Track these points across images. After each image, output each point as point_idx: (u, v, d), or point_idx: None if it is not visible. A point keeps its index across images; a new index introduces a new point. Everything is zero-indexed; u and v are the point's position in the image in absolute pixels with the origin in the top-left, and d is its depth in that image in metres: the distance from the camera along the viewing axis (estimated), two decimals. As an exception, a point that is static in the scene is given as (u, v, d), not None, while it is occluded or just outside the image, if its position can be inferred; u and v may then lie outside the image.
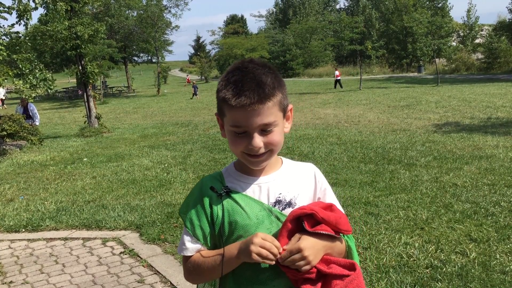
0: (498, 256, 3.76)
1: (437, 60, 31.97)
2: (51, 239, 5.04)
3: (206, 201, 1.38)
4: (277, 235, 1.31)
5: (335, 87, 27.89)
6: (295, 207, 1.36)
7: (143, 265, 4.20)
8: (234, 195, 1.37)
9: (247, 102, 1.26)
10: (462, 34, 45.70)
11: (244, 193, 1.38)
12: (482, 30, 44.55)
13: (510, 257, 3.73)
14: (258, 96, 1.27)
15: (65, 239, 5.02)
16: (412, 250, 3.96)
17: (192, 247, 1.38)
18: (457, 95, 18.39)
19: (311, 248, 1.26)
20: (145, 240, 4.76)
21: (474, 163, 6.98)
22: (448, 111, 13.79)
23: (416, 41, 42.76)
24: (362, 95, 21.48)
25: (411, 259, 3.82)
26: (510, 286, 3.28)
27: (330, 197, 1.46)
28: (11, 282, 4.04)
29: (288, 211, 1.35)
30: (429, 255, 3.86)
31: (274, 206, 1.37)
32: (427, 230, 4.42)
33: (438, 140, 9.05)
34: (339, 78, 28.48)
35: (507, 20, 36.97)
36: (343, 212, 1.40)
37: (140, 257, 4.38)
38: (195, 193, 1.42)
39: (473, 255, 3.80)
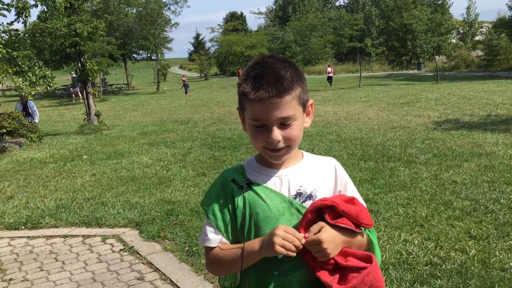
0: (497, 253, 3.76)
1: (436, 57, 31.98)
2: (51, 237, 5.04)
3: (228, 193, 1.40)
4: (297, 227, 1.32)
5: (330, 84, 28.27)
6: (316, 200, 1.37)
7: (142, 262, 4.20)
8: (255, 187, 1.39)
9: (265, 95, 1.28)
10: (462, 31, 45.66)
11: (265, 185, 1.40)
12: (482, 27, 44.48)
13: (509, 254, 3.73)
14: (276, 90, 1.28)
15: (65, 236, 5.02)
16: (412, 247, 3.97)
17: (214, 238, 1.40)
18: (457, 92, 18.38)
19: (331, 242, 1.27)
20: (144, 238, 4.76)
21: (473, 160, 6.98)
22: (448, 108, 13.78)
23: (415, 38, 42.76)
24: (361, 93, 21.48)
25: (411, 256, 3.82)
26: (509, 283, 3.29)
27: (351, 190, 1.47)
28: (11, 279, 4.05)
29: (308, 203, 1.36)
30: (429, 252, 3.87)
31: (295, 198, 1.39)
32: (426, 227, 4.43)
33: (438, 138, 9.06)
34: (331, 75, 28.91)
35: (507, 17, 36.89)
36: (365, 206, 1.41)
37: (139, 254, 4.38)
38: (217, 185, 1.45)
39: (472, 252, 3.80)
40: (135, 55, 46.71)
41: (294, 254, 1.26)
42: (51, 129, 15.74)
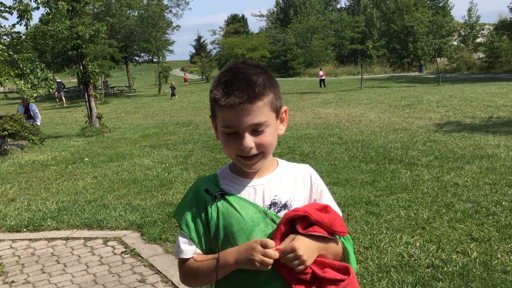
0: (499, 255, 3.75)
1: (438, 59, 31.92)
2: (53, 239, 5.05)
3: (201, 203, 1.37)
4: (271, 238, 1.30)
5: (320, 86, 28.86)
6: (291, 209, 1.34)
7: (144, 265, 4.20)
8: (229, 198, 1.36)
9: (236, 101, 1.25)
10: (463, 33, 45.66)
11: (239, 195, 1.37)
12: (483, 29, 44.48)
13: (511, 257, 3.72)
14: (247, 96, 1.26)
15: (67, 238, 5.02)
16: (413, 250, 3.96)
17: (188, 249, 1.37)
18: (458, 94, 18.36)
19: (305, 248, 1.25)
20: (146, 240, 4.76)
21: (475, 162, 6.97)
22: (449, 110, 13.76)
23: (417, 41, 42.79)
24: (363, 95, 21.46)
25: (412, 258, 3.82)
26: (511, 285, 3.28)
27: (326, 198, 1.44)
28: (12, 281, 4.05)
29: (283, 213, 1.33)
30: (430, 254, 3.86)
31: (270, 208, 1.36)
32: (428, 229, 4.42)
33: (439, 140, 9.05)
34: (323, 77, 29.31)
35: (508, 19, 36.91)
36: (340, 213, 1.39)
37: (141, 256, 4.38)
38: (190, 195, 1.42)
39: (474, 254, 3.80)
40: (136, 58, 46.86)
41: (270, 267, 1.24)
42: (53, 131, 15.76)
